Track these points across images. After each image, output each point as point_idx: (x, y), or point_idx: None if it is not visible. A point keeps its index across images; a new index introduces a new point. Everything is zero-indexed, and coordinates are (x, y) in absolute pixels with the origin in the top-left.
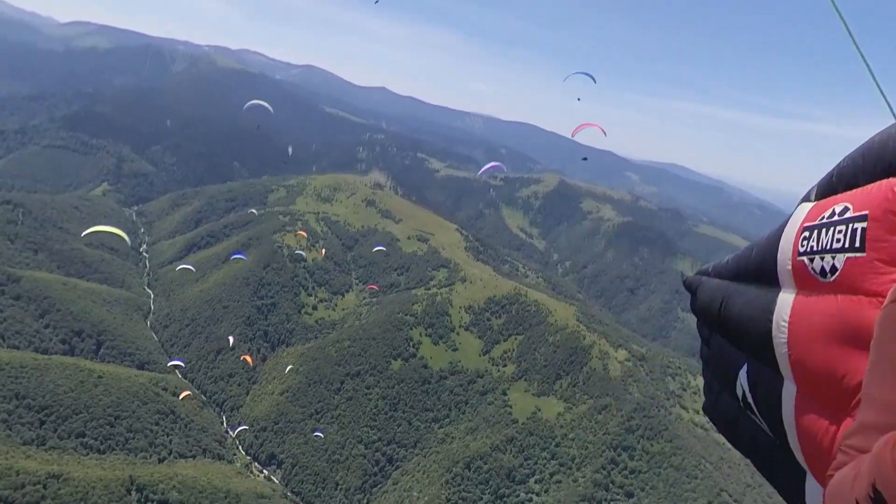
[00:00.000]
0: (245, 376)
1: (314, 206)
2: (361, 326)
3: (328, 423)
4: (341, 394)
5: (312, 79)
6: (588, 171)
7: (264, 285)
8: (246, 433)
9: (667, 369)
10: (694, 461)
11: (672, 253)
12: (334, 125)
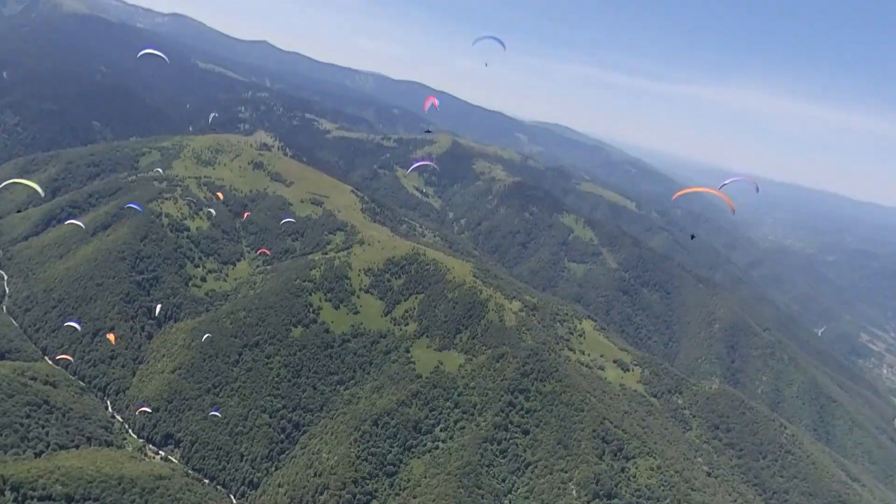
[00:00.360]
0: (129, 356)
1: (194, 169)
2: (257, 296)
3: (228, 397)
4: (240, 366)
5: (182, 29)
6: (479, 132)
7: (143, 258)
8: (133, 414)
9: (556, 316)
10: (580, 396)
11: (559, 210)
12: (211, 82)
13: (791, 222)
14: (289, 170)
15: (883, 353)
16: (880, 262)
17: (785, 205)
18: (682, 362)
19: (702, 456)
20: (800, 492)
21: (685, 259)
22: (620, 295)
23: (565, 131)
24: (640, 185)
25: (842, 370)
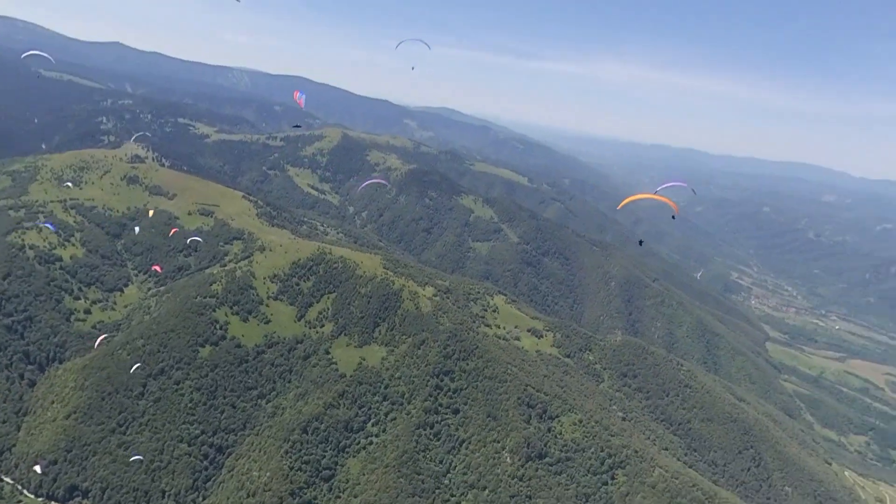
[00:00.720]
0: (10, 409)
1: (57, 192)
2: (154, 320)
3: (137, 433)
4: (146, 398)
5: (14, 34)
6: (368, 121)
7: (9, 299)
8: (29, 472)
9: (469, 296)
10: (502, 368)
11: (457, 192)
12: (58, 92)
13: (663, 179)
14: (169, 181)
15: (750, 286)
16: (739, 207)
17: (656, 164)
18: (588, 321)
19: (616, 403)
20: (699, 419)
21: (578, 225)
22: (525, 267)
23: (452, 114)
24: (528, 160)
25: (720, 306)
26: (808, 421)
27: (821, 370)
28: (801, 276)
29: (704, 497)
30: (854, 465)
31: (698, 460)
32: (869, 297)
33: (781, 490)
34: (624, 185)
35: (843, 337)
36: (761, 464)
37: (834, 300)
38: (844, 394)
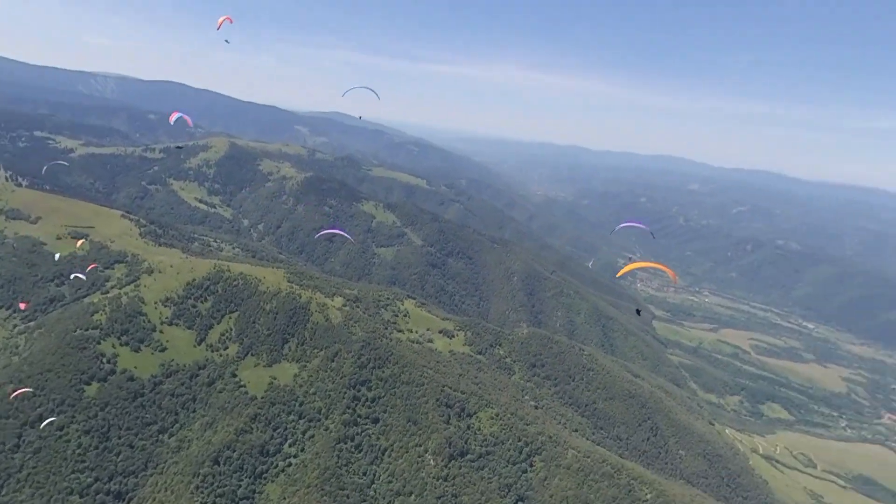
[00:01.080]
0: None
1: None
2: (25, 361)
3: (15, 492)
4: (23, 450)
5: None
6: (256, 129)
7: None
8: None
9: (378, 302)
10: (418, 372)
11: (356, 199)
12: None
13: (552, 176)
14: (30, 203)
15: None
16: (620, 199)
17: (545, 161)
18: (494, 316)
19: (528, 393)
20: (603, 399)
21: (478, 224)
22: (431, 269)
23: (344, 118)
24: (424, 162)
25: (611, 291)
26: (692, 388)
27: (699, 341)
28: (676, 258)
29: (613, 470)
30: (732, 422)
31: (605, 437)
32: (731, 272)
33: (677, 454)
34: (516, 182)
35: (714, 310)
36: (658, 433)
37: (704, 277)
38: (719, 360)
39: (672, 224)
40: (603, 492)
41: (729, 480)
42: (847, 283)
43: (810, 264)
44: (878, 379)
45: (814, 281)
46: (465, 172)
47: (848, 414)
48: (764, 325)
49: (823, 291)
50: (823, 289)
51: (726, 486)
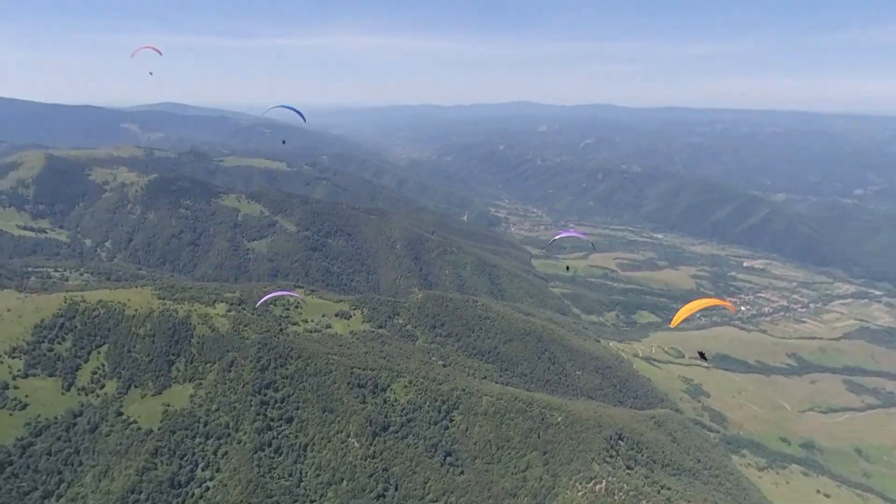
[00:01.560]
0: None
1: None
2: None
3: None
4: None
5: None
6: (75, 135)
7: None
8: None
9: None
10: (323, 360)
11: (214, 194)
12: None
13: (412, 137)
14: None
15: (507, 217)
16: (480, 150)
17: (402, 124)
18: (386, 287)
19: (434, 354)
20: (503, 342)
21: (349, 199)
22: (312, 253)
23: (179, 109)
24: (280, 144)
25: (490, 240)
26: (576, 313)
27: (574, 270)
28: (541, 198)
29: (525, 405)
30: (613, 335)
31: (512, 376)
32: (589, 201)
33: (575, 375)
34: (379, 149)
35: (581, 239)
36: (556, 360)
37: (567, 211)
38: (593, 283)
39: (531, 166)
40: (519, 426)
41: (620, 386)
42: (682, 193)
43: (651, 182)
44: (717, 270)
45: (656, 197)
46: (325, 148)
47: None
48: (624, 244)
49: (665, 204)
50: (665, 202)
51: (619, 391)
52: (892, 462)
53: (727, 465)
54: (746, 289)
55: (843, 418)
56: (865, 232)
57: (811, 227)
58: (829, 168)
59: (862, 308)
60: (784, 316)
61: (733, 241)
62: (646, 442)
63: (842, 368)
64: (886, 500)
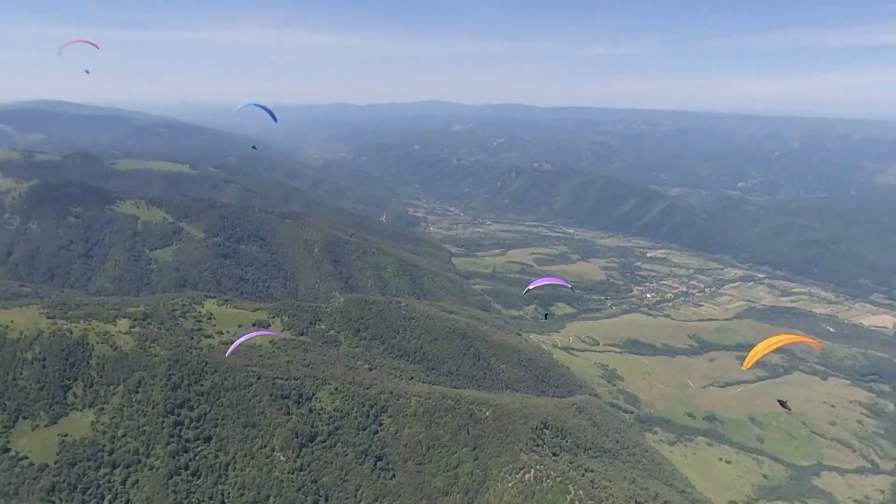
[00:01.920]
0: None
1: None
2: None
3: None
4: None
5: None
6: None
7: None
8: None
9: (174, 312)
10: (242, 373)
11: (109, 200)
12: None
13: (326, 137)
14: None
15: (425, 216)
16: (395, 150)
17: (315, 123)
18: (305, 293)
19: (359, 359)
20: (428, 342)
21: (262, 202)
22: (223, 261)
23: (60, 106)
24: (181, 145)
25: (410, 240)
26: (497, 308)
27: (492, 267)
28: (458, 196)
29: (453, 403)
30: (533, 328)
31: (439, 375)
32: (504, 199)
33: (499, 369)
34: (292, 150)
35: (498, 236)
36: (480, 356)
37: (483, 209)
38: (512, 278)
39: (447, 165)
40: (449, 424)
41: (542, 377)
42: (590, 189)
43: (561, 179)
44: (624, 261)
45: (566, 193)
46: (232, 149)
47: (610, 295)
48: (539, 239)
49: (575, 200)
50: (574, 198)
51: (541, 382)
52: (780, 427)
53: (642, 442)
54: (651, 277)
55: (739, 391)
56: (748, 221)
57: (703, 218)
58: (716, 163)
59: (748, 290)
60: (684, 301)
61: (637, 233)
62: (569, 428)
63: (735, 345)
64: (776, 460)
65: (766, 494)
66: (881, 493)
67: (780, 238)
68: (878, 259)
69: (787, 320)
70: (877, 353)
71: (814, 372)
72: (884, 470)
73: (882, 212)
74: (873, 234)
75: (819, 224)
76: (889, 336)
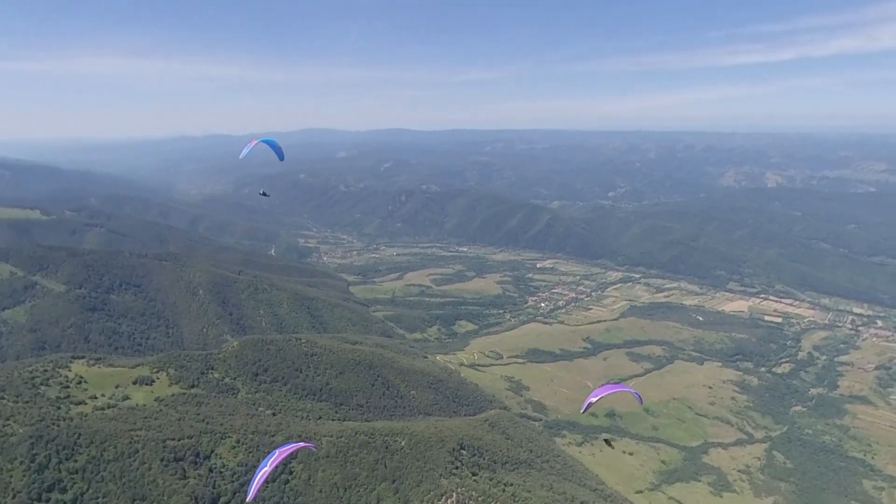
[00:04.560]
0: None
1: None
2: None
3: None
4: None
5: None
6: None
7: None
8: None
9: (34, 380)
10: (125, 440)
11: None
12: None
13: (203, 170)
14: None
15: (317, 246)
16: (282, 180)
17: (188, 156)
18: (192, 340)
19: (260, 404)
20: (334, 376)
21: (133, 245)
22: (90, 314)
23: None
24: (28, 188)
25: (303, 272)
26: (400, 333)
27: (392, 292)
28: (350, 223)
29: (367, 437)
30: (439, 349)
31: (349, 410)
32: (397, 223)
33: (410, 396)
34: (164, 187)
35: (394, 260)
36: (389, 384)
37: (377, 234)
38: (412, 301)
39: (336, 193)
40: (365, 460)
41: (453, 397)
42: (478, 207)
43: (450, 200)
44: (517, 274)
45: (456, 212)
46: (92, 189)
47: (508, 308)
48: (434, 260)
49: (465, 219)
50: (464, 217)
51: (453, 402)
52: (670, 413)
53: (553, 448)
54: (542, 287)
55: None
56: (621, 227)
57: (583, 227)
58: (588, 176)
59: (629, 290)
60: (575, 306)
61: (525, 246)
62: (485, 445)
63: (623, 343)
64: (671, 445)
65: (666, 479)
66: (758, 460)
67: (649, 240)
68: (729, 251)
69: (663, 314)
70: (739, 335)
71: (691, 359)
72: (757, 439)
73: (726, 210)
74: (722, 230)
75: (679, 225)
76: (745, 318)
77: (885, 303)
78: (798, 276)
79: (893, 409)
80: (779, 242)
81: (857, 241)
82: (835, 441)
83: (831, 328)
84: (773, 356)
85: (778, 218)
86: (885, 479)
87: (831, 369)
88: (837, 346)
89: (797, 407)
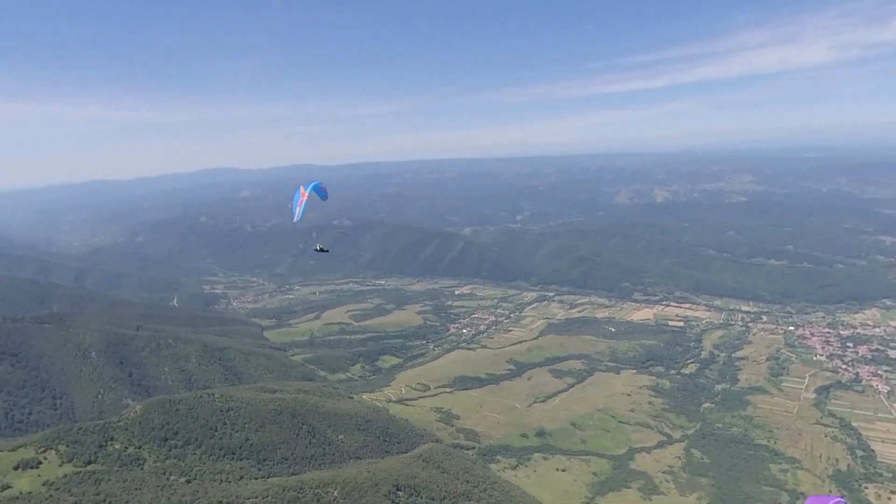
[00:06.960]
0: None
1: None
2: None
3: None
4: None
5: None
6: None
7: None
8: None
9: None
10: None
11: None
12: None
13: (87, 220)
14: None
15: (224, 291)
16: (179, 224)
17: (67, 206)
18: (86, 409)
19: (172, 472)
20: (253, 429)
21: (7, 309)
22: None
23: None
24: None
25: (211, 322)
26: (322, 376)
27: (309, 333)
28: (259, 265)
29: (296, 493)
30: (364, 387)
31: (273, 465)
32: (310, 261)
33: (338, 440)
34: (39, 242)
35: (309, 300)
36: (315, 432)
37: (289, 273)
38: (332, 341)
39: (241, 234)
40: None
41: (384, 436)
42: (392, 239)
43: (363, 233)
44: (437, 303)
45: (371, 245)
46: None
47: (431, 337)
48: (352, 296)
49: (380, 252)
50: (379, 249)
51: (383, 441)
52: (596, 424)
53: (490, 475)
54: (463, 313)
55: (558, 401)
56: (531, 248)
57: (495, 251)
58: (495, 202)
59: (544, 308)
60: (495, 329)
61: (442, 274)
62: (421, 483)
63: (545, 360)
64: (599, 456)
65: (599, 490)
66: (679, 459)
67: (559, 259)
68: (631, 264)
69: (579, 328)
70: (648, 341)
71: (609, 369)
72: (676, 438)
73: (624, 226)
74: (623, 245)
75: (583, 242)
76: (652, 325)
77: (767, 300)
78: (692, 281)
79: (786, 395)
80: (672, 252)
81: (738, 245)
82: (741, 432)
83: (726, 327)
84: (679, 358)
85: (669, 230)
86: (787, 462)
87: (730, 365)
88: (733, 343)
89: (706, 404)
